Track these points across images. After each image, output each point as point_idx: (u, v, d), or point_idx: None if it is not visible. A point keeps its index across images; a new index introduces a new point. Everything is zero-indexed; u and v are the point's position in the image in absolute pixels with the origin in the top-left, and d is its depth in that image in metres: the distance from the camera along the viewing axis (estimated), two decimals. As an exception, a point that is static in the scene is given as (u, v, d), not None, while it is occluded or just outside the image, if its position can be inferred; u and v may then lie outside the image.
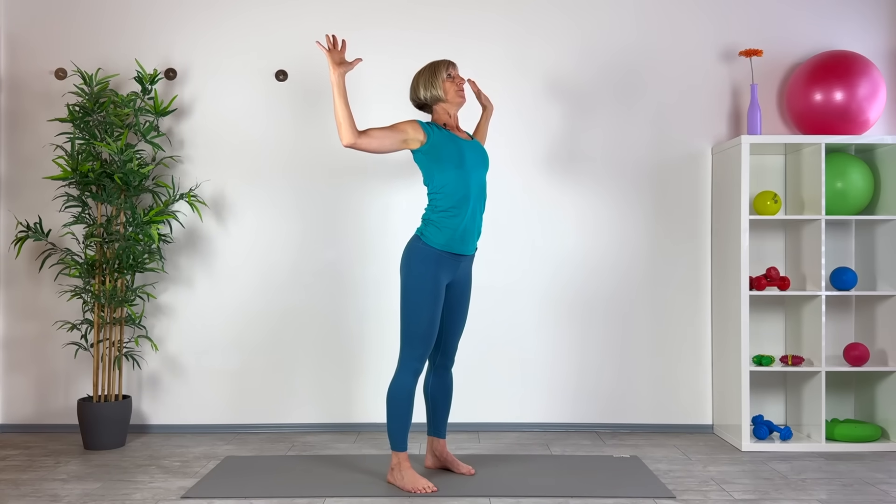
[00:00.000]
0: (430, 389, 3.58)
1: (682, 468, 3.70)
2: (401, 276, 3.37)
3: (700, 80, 4.42)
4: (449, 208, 3.33)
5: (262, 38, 4.42)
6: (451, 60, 3.52)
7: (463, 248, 3.38)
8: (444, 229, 3.33)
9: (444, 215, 3.33)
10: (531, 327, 4.41)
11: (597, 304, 4.41)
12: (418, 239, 3.36)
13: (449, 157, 3.32)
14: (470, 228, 3.38)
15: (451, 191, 3.33)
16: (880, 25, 4.44)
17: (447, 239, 3.33)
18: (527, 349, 4.41)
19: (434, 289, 3.31)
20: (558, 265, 4.41)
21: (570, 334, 4.41)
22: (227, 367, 4.40)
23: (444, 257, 3.34)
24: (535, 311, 4.41)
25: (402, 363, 3.34)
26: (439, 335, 3.50)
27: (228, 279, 4.40)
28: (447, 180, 3.33)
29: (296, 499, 3.25)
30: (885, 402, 4.14)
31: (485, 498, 3.26)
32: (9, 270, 4.41)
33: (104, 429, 4.03)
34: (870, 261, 4.29)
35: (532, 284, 4.41)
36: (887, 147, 4.17)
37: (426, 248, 3.33)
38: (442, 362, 3.55)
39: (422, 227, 3.38)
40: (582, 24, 4.42)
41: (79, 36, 4.42)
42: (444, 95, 3.43)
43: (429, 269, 3.31)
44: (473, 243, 3.44)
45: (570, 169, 4.42)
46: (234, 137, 4.41)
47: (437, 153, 3.33)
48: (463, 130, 3.56)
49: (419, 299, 3.30)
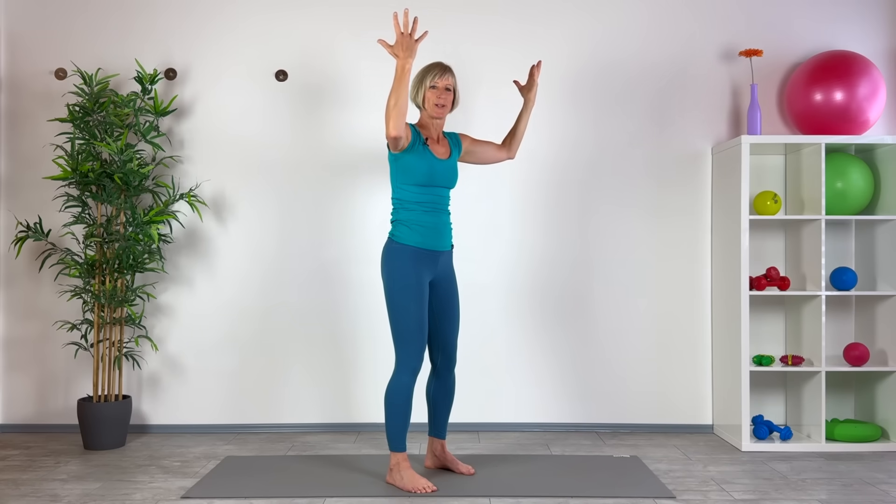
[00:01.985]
0: (431, 392, 3.57)
1: (682, 468, 3.70)
2: (382, 280, 3.38)
3: (700, 80, 4.42)
4: (414, 210, 3.35)
5: (262, 38, 4.42)
6: (445, 66, 3.38)
7: (438, 245, 3.38)
8: (414, 227, 3.34)
9: (412, 215, 3.35)
10: (531, 327, 4.41)
11: (597, 304, 4.41)
12: (392, 241, 3.37)
13: (415, 176, 3.33)
14: (440, 225, 3.39)
15: (413, 201, 3.35)
16: (880, 25, 4.44)
17: (420, 236, 3.34)
18: (526, 349, 4.41)
19: (417, 285, 3.31)
20: (558, 265, 4.41)
21: (570, 334, 4.41)
22: (226, 367, 4.40)
23: (421, 254, 3.34)
24: (536, 310, 4.41)
25: (399, 363, 3.34)
26: (436, 336, 3.50)
27: (228, 279, 4.40)
28: (409, 194, 3.35)
29: (296, 499, 3.25)
30: (885, 402, 4.14)
31: (485, 498, 3.26)
32: (9, 270, 4.41)
33: (104, 429, 4.03)
34: (870, 261, 4.29)
35: (532, 284, 4.41)
36: (887, 147, 4.17)
37: (401, 247, 3.33)
38: (444, 363, 3.54)
39: (392, 229, 3.39)
40: (582, 23, 4.42)
41: (79, 36, 4.42)
42: (423, 104, 3.39)
43: (408, 267, 3.31)
44: (448, 239, 3.44)
45: (570, 169, 4.42)
46: (234, 137, 4.41)
47: (405, 166, 3.33)
48: (444, 140, 3.49)
49: (404, 297, 3.30)
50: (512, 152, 3.67)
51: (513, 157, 3.71)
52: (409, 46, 3.14)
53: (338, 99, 4.40)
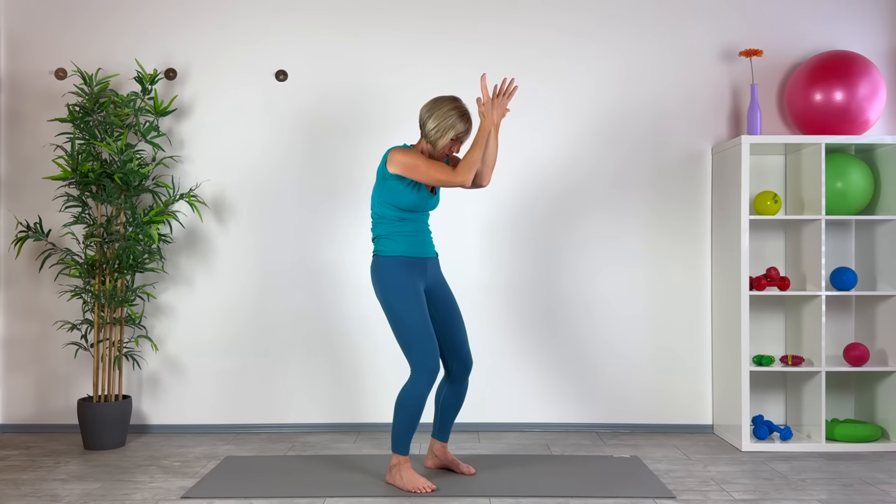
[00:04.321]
0: (443, 398, 3.55)
1: (682, 468, 3.70)
2: (378, 297, 3.39)
3: (700, 80, 4.42)
4: (394, 222, 3.37)
5: (262, 38, 4.42)
6: (472, 123, 3.35)
7: (423, 252, 3.41)
8: (397, 238, 3.36)
9: (393, 227, 3.37)
10: (531, 327, 4.41)
11: (597, 304, 4.41)
12: (378, 256, 3.39)
13: (402, 203, 3.35)
14: (421, 233, 3.41)
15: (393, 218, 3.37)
16: (880, 25, 4.44)
17: (406, 246, 3.36)
18: (526, 349, 4.41)
19: (413, 291, 3.32)
20: (558, 264, 4.41)
21: (570, 334, 4.41)
22: (227, 367, 4.40)
23: (410, 262, 3.36)
24: (536, 310, 4.41)
25: (415, 369, 3.31)
26: (447, 342, 3.49)
27: (228, 279, 4.40)
28: (390, 212, 3.37)
29: (296, 499, 3.25)
30: (885, 402, 4.14)
31: (485, 498, 3.26)
32: (9, 270, 4.41)
33: (104, 429, 4.03)
34: (870, 261, 4.29)
35: (533, 285, 4.41)
36: (887, 147, 4.17)
37: (389, 259, 3.35)
38: (460, 369, 3.51)
39: (376, 245, 3.41)
40: (582, 23, 4.42)
41: (79, 36, 4.42)
42: (437, 146, 3.36)
43: (401, 276, 3.33)
44: (431, 246, 3.47)
45: (569, 169, 4.41)
46: (234, 137, 4.41)
47: (394, 191, 3.35)
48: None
49: (403, 303, 3.30)
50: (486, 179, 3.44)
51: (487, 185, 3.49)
52: (501, 107, 3.27)
53: (338, 99, 4.40)
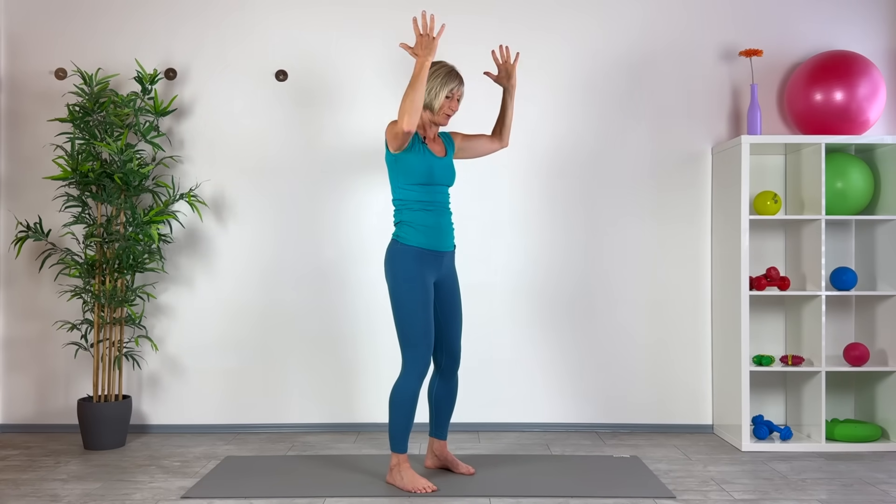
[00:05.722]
0: (434, 393, 3.56)
1: (682, 468, 3.70)
2: (387, 282, 3.38)
3: (700, 80, 4.42)
4: (417, 210, 3.36)
5: (262, 38, 4.42)
6: (462, 78, 3.42)
7: (441, 245, 3.39)
8: (418, 227, 3.34)
9: (415, 215, 3.35)
10: (531, 327, 4.41)
11: (597, 304, 4.41)
12: (396, 242, 3.37)
13: (417, 175, 3.34)
14: (443, 225, 3.40)
15: (414, 200, 3.36)
16: (880, 25, 4.44)
17: (425, 237, 3.34)
18: (526, 349, 4.41)
19: (423, 287, 3.32)
20: (558, 264, 4.41)
21: (569, 334, 4.41)
22: (227, 367, 4.40)
23: (426, 255, 3.34)
24: (535, 310, 4.41)
25: (406, 366, 3.33)
26: (441, 337, 3.49)
27: (228, 279, 4.40)
28: (411, 193, 3.36)
29: (296, 499, 3.25)
30: (885, 402, 4.14)
31: (485, 498, 3.26)
32: (9, 270, 4.41)
33: (104, 429, 4.03)
34: (870, 261, 4.29)
35: (533, 284, 4.41)
36: (887, 147, 4.17)
37: (406, 248, 3.34)
38: (448, 365, 3.53)
39: (396, 230, 3.40)
40: (582, 23, 4.42)
41: (79, 36, 4.42)
42: (436, 109, 3.39)
43: (413, 269, 3.32)
44: (451, 239, 3.45)
45: (570, 169, 4.41)
46: (234, 137, 4.41)
47: (405, 166, 3.34)
48: (439, 140, 3.52)
49: (410, 300, 3.30)
50: (504, 141, 3.66)
51: (506, 146, 3.70)
52: (429, 45, 3.23)
53: (337, 99, 4.40)
